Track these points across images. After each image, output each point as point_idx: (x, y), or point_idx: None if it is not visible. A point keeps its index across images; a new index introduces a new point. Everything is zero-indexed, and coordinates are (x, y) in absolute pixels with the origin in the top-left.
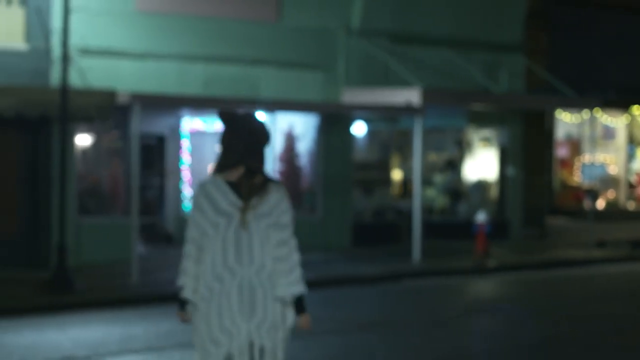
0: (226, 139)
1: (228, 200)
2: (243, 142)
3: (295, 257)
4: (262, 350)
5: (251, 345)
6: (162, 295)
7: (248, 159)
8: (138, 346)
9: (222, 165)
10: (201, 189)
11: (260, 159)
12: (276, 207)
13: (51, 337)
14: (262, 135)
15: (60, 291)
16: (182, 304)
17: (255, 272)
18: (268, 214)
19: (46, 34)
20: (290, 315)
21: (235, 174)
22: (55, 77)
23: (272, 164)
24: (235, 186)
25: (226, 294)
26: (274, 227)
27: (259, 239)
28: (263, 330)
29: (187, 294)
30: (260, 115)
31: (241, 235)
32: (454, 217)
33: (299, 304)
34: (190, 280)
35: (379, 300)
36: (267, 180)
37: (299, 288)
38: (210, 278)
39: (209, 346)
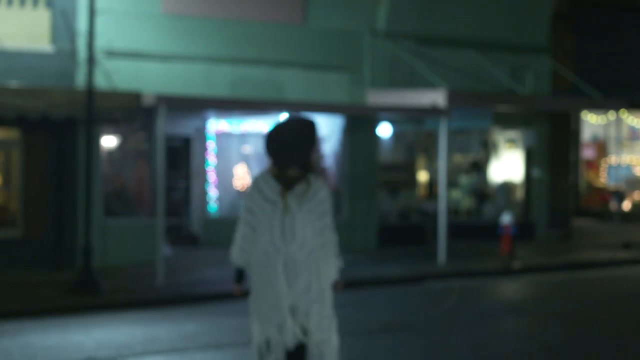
0: (270, 144)
1: (272, 189)
2: (276, 144)
3: (335, 237)
4: (306, 314)
5: (295, 309)
6: (186, 297)
7: (282, 157)
8: (161, 347)
9: (270, 164)
10: (254, 182)
11: (294, 155)
12: (315, 195)
13: (75, 338)
14: (290, 136)
15: (86, 292)
16: (238, 277)
17: (298, 248)
18: (309, 200)
19: (72, 35)
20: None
21: (277, 169)
22: (80, 78)
23: None
24: (277, 178)
25: (273, 267)
26: (314, 212)
27: (302, 221)
28: (304, 297)
29: (240, 263)
30: (297, 118)
31: (286, 218)
32: (480, 218)
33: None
34: (244, 254)
35: (403, 301)
36: (306, 173)
37: (341, 261)
38: (261, 254)
39: (265, 312)
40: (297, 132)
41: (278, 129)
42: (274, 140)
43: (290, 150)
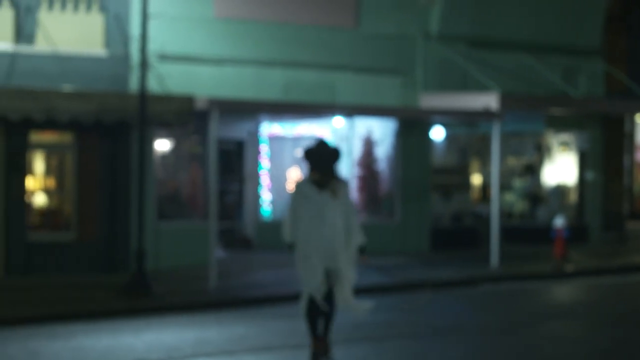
0: (308, 158)
1: (310, 189)
2: (315, 158)
3: (357, 218)
4: (338, 277)
5: (330, 273)
6: (238, 300)
7: (320, 167)
8: (211, 350)
9: (309, 171)
10: (298, 185)
11: (328, 166)
12: (341, 194)
13: (126, 340)
14: (325, 154)
15: (138, 295)
16: (291, 249)
17: (331, 230)
18: (338, 197)
19: (125, 40)
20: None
21: (315, 175)
22: (134, 82)
23: (350, 169)
24: (315, 182)
25: (313, 243)
26: (340, 204)
27: (332, 211)
28: (340, 265)
29: (289, 240)
30: (326, 141)
31: (323, 210)
32: (533, 221)
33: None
34: (291, 236)
35: (456, 304)
36: (334, 178)
37: (363, 236)
38: (304, 235)
39: (310, 275)
40: (329, 150)
41: (317, 148)
42: (315, 154)
43: (325, 161)
